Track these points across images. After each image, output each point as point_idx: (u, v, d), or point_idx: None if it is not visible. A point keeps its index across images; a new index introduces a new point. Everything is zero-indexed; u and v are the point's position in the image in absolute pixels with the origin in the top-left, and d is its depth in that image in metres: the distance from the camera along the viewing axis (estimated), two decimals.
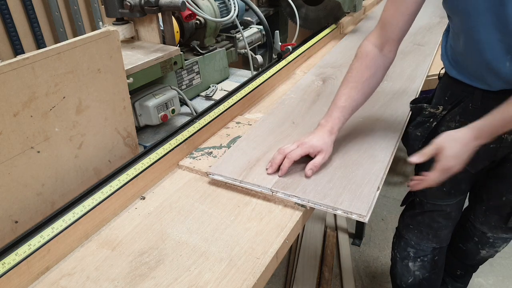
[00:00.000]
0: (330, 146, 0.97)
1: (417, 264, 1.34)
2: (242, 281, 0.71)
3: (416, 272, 1.36)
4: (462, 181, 1.16)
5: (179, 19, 1.39)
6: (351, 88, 1.00)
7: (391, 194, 2.44)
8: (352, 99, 1.00)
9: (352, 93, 1.00)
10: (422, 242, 1.30)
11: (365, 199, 0.86)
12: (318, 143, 0.96)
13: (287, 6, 1.87)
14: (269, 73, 1.42)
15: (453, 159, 0.91)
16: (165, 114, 1.22)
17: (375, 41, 1.01)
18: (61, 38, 1.96)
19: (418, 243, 1.32)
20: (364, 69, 1.01)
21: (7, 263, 0.69)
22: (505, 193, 1.14)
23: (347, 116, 1.01)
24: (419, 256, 1.33)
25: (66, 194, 0.92)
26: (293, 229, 0.83)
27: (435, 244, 1.30)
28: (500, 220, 1.20)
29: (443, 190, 1.17)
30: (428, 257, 1.33)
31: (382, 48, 1.01)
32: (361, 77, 1.00)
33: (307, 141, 0.97)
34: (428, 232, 1.28)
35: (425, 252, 1.32)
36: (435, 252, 1.32)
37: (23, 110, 0.79)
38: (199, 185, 0.97)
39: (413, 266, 1.36)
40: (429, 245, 1.30)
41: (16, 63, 0.76)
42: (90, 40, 0.89)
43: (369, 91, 1.03)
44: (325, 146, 0.96)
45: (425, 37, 1.80)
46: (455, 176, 1.03)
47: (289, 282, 1.86)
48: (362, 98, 1.02)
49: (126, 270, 0.75)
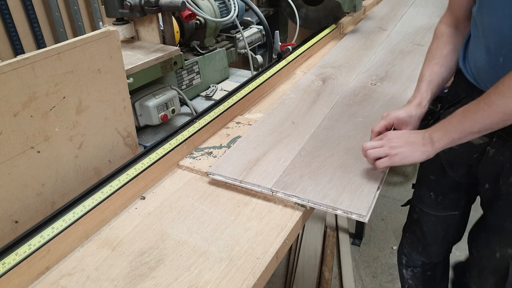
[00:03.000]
0: (416, 120, 0.97)
1: (409, 273, 1.35)
2: (242, 281, 0.71)
3: (409, 281, 1.36)
4: (449, 190, 1.14)
5: (179, 19, 1.39)
6: (433, 64, 1.02)
7: (391, 194, 2.44)
8: (436, 74, 1.01)
9: (435, 68, 1.01)
10: (413, 253, 1.30)
11: (365, 199, 0.86)
12: (404, 115, 0.96)
13: (287, 6, 1.87)
14: (269, 73, 1.42)
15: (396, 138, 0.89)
16: (165, 114, 1.22)
17: (448, 21, 1.04)
18: (61, 38, 1.97)
19: (409, 253, 1.31)
20: (443, 46, 1.02)
21: (7, 263, 0.69)
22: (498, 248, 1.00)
23: (434, 90, 1.01)
24: (409, 265, 1.33)
25: (66, 194, 0.92)
26: (293, 229, 0.83)
27: (424, 258, 1.28)
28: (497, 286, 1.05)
29: (430, 195, 1.17)
30: (418, 270, 1.32)
31: (456, 26, 1.03)
32: (441, 53, 1.02)
33: (393, 113, 0.98)
34: (418, 245, 1.27)
35: (415, 264, 1.31)
36: (425, 267, 1.30)
37: (23, 110, 0.79)
38: (199, 185, 0.97)
39: (406, 274, 1.36)
40: (418, 258, 1.29)
41: (16, 63, 0.76)
42: (90, 40, 0.89)
43: (452, 66, 1.03)
44: (411, 119, 0.96)
45: (425, 37, 1.80)
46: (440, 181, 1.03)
47: (289, 282, 1.86)
48: (446, 73, 1.02)
49: (126, 270, 0.75)
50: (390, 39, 1.81)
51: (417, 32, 1.87)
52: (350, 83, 1.41)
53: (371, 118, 1.18)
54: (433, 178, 1.16)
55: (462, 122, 0.82)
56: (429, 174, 1.17)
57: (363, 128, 1.12)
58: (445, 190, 1.15)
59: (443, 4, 2.24)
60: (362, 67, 1.54)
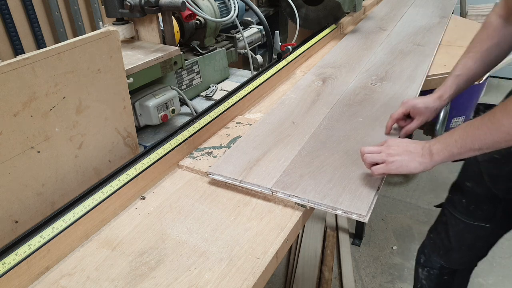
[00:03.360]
0: (432, 111, 0.98)
1: (424, 273, 1.32)
2: (242, 281, 0.71)
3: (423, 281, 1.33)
4: (484, 201, 1.09)
5: (179, 19, 1.39)
6: (468, 58, 1.00)
7: (391, 194, 2.44)
8: (468, 68, 0.99)
9: (469, 62, 0.99)
10: (433, 254, 1.27)
11: (365, 199, 0.86)
12: (420, 105, 0.97)
13: (287, 6, 1.87)
14: (269, 73, 1.42)
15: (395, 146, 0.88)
16: (165, 114, 1.22)
17: (500, 12, 0.99)
18: (61, 38, 1.97)
19: (429, 253, 1.28)
20: (486, 39, 0.99)
21: (7, 263, 0.69)
22: None
23: (461, 85, 1.00)
24: (427, 266, 1.30)
25: (66, 194, 0.92)
26: (293, 229, 0.83)
27: (444, 262, 1.25)
28: None
29: (463, 202, 1.13)
30: (435, 272, 1.28)
31: (508, 18, 0.98)
32: (481, 47, 0.99)
33: (411, 101, 0.99)
34: (440, 248, 1.24)
35: (433, 265, 1.28)
36: (443, 270, 1.27)
37: (23, 110, 0.79)
38: (199, 185, 0.97)
39: (421, 273, 1.33)
40: (437, 260, 1.26)
41: (16, 63, 0.76)
42: (90, 40, 0.89)
43: (491, 61, 1.00)
44: (426, 110, 0.97)
45: (425, 37, 1.80)
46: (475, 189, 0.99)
47: (289, 282, 1.86)
48: (481, 68, 1.00)
49: (126, 270, 0.75)
50: (390, 39, 1.81)
51: (417, 32, 1.87)
52: (350, 83, 1.41)
53: (371, 118, 1.17)
54: (469, 185, 1.11)
55: (464, 137, 0.80)
56: (465, 180, 1.13)
57: (363, 128, 1.12)
58: (479, 200, 1.10)
59: (443, 4, 2.24)
60: (362, 67, 1.54)
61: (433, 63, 1.57)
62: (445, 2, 2.29)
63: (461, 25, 1.96)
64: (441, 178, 2.54)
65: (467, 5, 3.35)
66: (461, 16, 3.28)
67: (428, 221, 2.17)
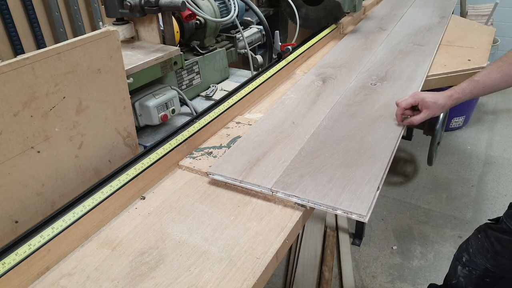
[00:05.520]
0: (439, 108, 1.00)
1: (464, 272, 1.29)
2: (242, 281, 0.71)
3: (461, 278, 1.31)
4: None
5: (179, 19, 1.39)
6: (494, 66, 1.01)
7: (391, 194, 2.44)
8: (488, 77, 1.00)
9: (493, 71, 1.00)
10: (479, 256, 1.24)
11: (365, 199, 0.86)
12: (429, 100, 1.00)
13: (287, 6, 1.87)
14: (269, 73, 1.42)
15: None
16: (165, 114, 1.22)
17: None
18: (61, 38, 1.96)
19: (474, 254, 1.25)
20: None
21: (7, 263, 0.69)
22: None
23: (474, 91, 1.01)
24: (469, 265, 1.28)
25: (66, 194, 0.92)
26: (293, 229, 0.83)
27: (490, 265, 1.22)
28: None
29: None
30: (477, 273, 1.26)
31: None
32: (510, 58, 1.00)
33: (421, 94, 1.02)
34: (488, 251, 1.21)
35: (476, 267, 1.25)
36: (487, 273, 1.24)
37: (23, 110, 0.79)
38: (199, 185, 0.97)
39: (460, 271, 1.31)
40: (483, 263, 1.23)
41: (16, 63, 0.76)
42: (90, 40, 0.89)
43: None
44: (434, 105, 0.99)
45: (425, 37, 1.80)
46: None
47: (289, 282, 1.86)
48: (503, 80, 1.00)
49: (126, 270, 0.75)
50: (390, 39, 1.81)
51: (417, 32, 1.87)
52: (350, 83, 1.41)
53: (371, 118, 1.18)
54: None
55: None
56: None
57: (363, 128, 1.12)
58: None
59: (443, 4, 2.24)
60: (362, 67, 1.54)
61: (433, 63, 1.57)
62: (445, 2, 2.29)
63: (461, 25, 1.96)
64: (441, 178, 2.54)
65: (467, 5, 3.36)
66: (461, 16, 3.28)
67: (428, 221, 2.17)
